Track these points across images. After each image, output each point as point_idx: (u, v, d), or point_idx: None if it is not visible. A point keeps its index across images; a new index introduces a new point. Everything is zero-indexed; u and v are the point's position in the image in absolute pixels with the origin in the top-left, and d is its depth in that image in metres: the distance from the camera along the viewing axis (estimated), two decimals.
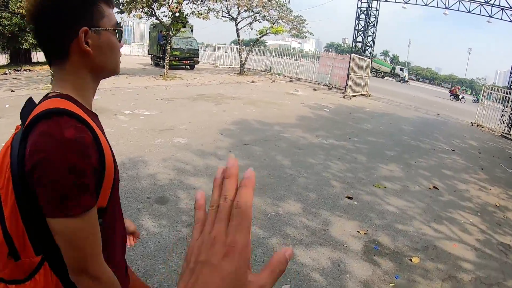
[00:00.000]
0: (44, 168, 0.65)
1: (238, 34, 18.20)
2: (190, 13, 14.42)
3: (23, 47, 19.81)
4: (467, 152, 7.49)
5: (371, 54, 16.59)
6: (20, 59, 21.02)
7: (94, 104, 0.88)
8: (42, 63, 21.19)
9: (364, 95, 16.11)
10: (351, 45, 15.96)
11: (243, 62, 18.50)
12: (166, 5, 12.96)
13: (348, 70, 14.68)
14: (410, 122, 10.51)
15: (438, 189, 4.72)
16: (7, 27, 18.41)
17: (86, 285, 0.72)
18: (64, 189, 0.66)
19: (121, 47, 0.85)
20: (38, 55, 23.63)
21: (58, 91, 0.78)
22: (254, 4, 16.46)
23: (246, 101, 10.07)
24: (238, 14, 17.25)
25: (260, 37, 18.60)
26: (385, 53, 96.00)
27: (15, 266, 0.72)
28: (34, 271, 0.73)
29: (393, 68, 42.69)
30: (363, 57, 15.36)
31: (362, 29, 15.79)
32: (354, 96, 15.08)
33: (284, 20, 18.08)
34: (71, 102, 0.75)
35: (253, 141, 5.83)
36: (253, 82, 15.64)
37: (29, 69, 18.40)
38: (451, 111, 16.69)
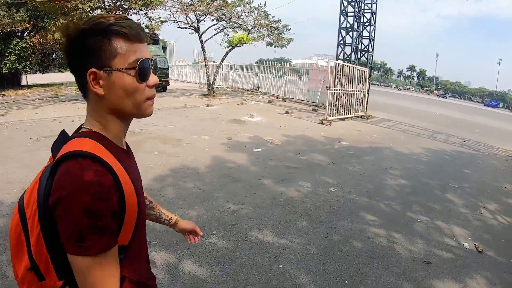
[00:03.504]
0: (63, 207, 0.66)
1: (203, 47, 14.67)
2: None
3: (3, 71, 17.96)
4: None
5: (369, 62, 12.04)
6: (6, 82, 19.14)
7: None
8: (32, 86, 19.22)
9: (360, 117, 11.65)
10: (336, 51, 11.42)
11: (211, 82, 14.89)
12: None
13: (328, 84, 10.41)
14: (409, 165, 6.00)
15: None
16: None
17: None
18: (80, 230, 0.66)
19: (150, 86, 0.77)
20: (29, 78, 21.92)
21: (88, 128, 0.78)
22: (213, 10, 12.96)
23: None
24: (198, 22, 13.76)
25: (230, 49, 14.97)
26: (411, 68, 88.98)
27: (40, 285, 0.76)
28: None
29: None
30: (354, 65, 10.85)
31: (350, 27, 11.21)
32: (343, 119, 10.73)
33: (259, 27, 14.39)
34: (98, 143, 0.74)
35: None
36: (208, 106, 11.88)
37: (3, 94, 16.38)
38: (485, 132, 11.74)
